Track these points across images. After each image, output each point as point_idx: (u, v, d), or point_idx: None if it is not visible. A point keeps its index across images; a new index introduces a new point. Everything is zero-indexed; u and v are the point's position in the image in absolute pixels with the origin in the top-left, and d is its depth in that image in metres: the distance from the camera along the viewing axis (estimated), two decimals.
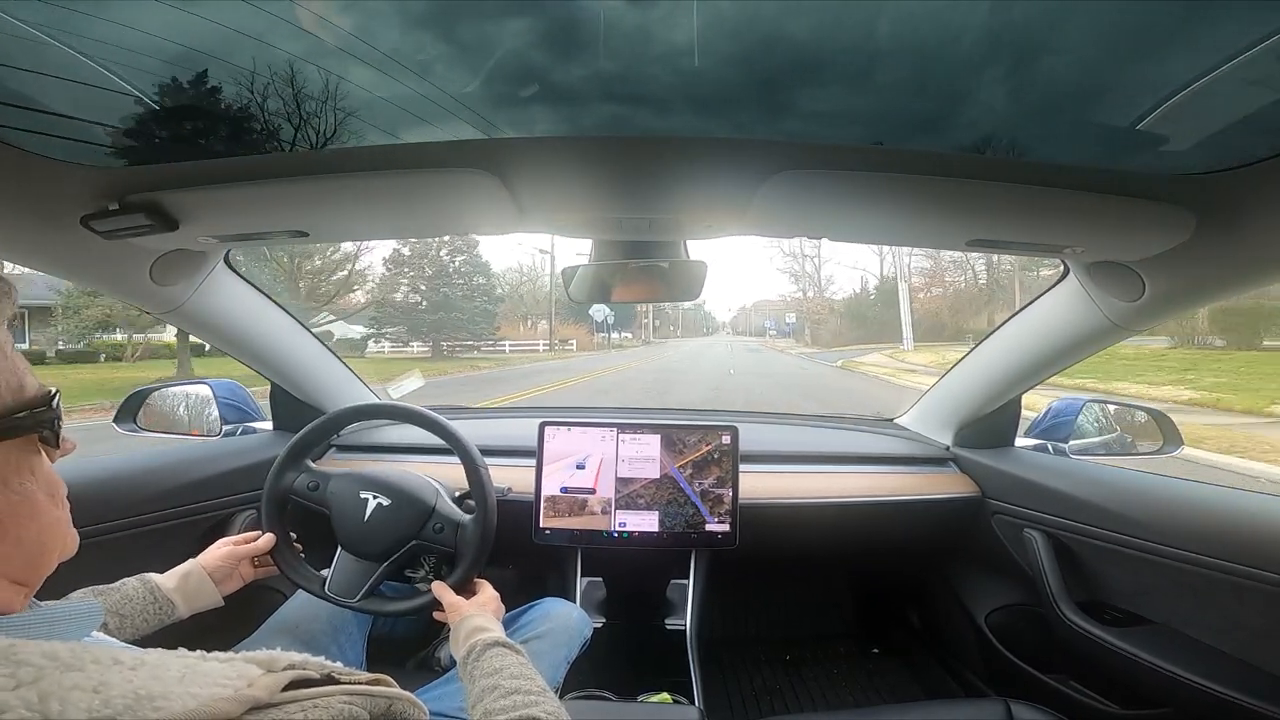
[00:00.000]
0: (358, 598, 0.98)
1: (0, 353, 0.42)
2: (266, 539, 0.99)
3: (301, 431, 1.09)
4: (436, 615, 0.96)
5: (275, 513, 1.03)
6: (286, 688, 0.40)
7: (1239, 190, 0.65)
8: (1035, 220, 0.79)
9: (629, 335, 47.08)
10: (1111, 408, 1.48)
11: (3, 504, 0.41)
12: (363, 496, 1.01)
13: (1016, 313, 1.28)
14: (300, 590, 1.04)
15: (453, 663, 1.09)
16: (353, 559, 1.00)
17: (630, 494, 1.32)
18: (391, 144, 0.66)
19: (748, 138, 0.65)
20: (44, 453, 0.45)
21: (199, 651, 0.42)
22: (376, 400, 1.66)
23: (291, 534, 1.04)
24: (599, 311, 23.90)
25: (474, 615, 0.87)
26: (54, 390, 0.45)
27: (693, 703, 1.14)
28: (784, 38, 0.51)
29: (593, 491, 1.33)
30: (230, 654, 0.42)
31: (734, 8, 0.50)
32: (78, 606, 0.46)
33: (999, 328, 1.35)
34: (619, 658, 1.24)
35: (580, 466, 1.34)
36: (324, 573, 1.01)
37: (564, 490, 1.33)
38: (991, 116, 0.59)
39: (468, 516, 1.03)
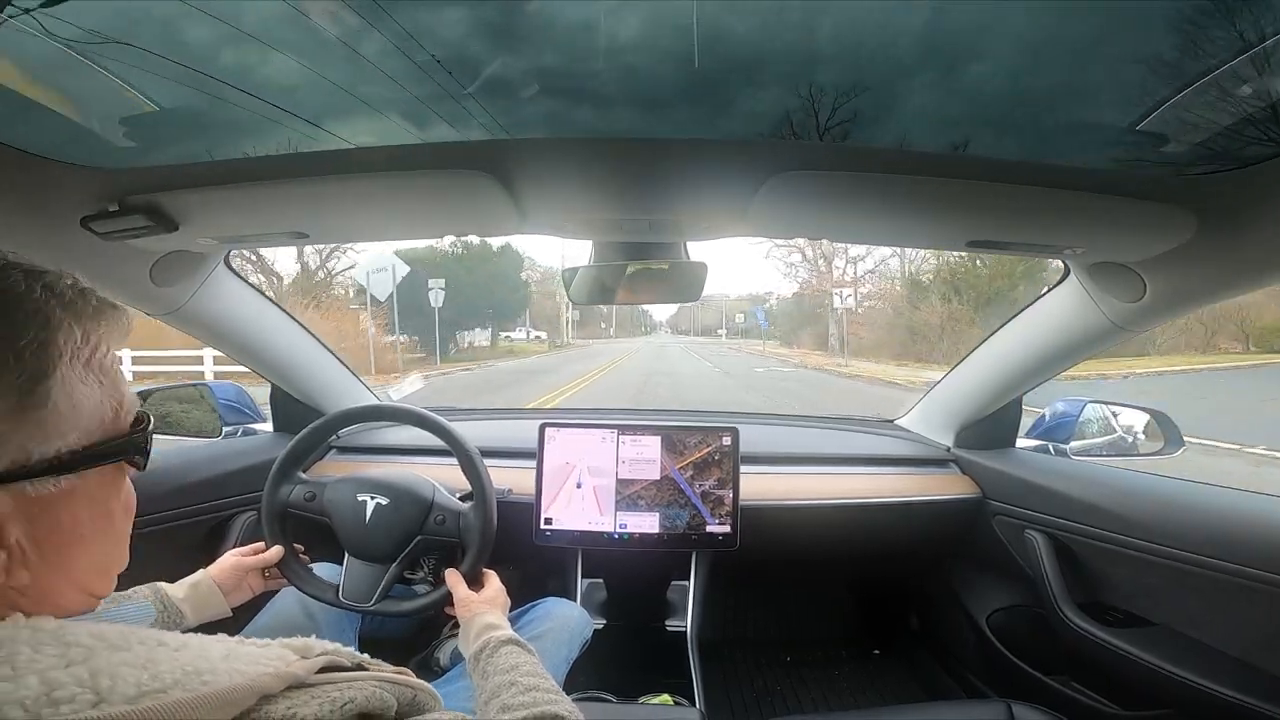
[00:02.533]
0: (373, 601, 0.97)
1: (112, 375, 0.43)
2: (275, 551, 0.98)
3: (290, 444, 1.07)
4: (448, 610, 0.95)
5: (276, 528, 1.01)
6: (320, 671, 0.42)
7: (1240, 191, 0.65)
8: (1036, 221, 0.79)
9: (541, 335, 34.61)
10: (1112, 408, 1.47)
11: (88, 519, 0.42)
12: (360, 499, 1.01)
13: (1017, 313, 1.28)
14: (283, 590, 1.03)
15: (452, 663, 1.09)
16: (361, 563, 1.00)
17: (631, 495, 1.32)
18: (391, 145, 0.67)
19: (748, 139, 0.65)
20: (129, 472, 0.46)
21: (236, 637, 0.44)
22: (373, 402, 1.65)
23: (298, 546, 1.03)
24: (379, 280, 11.82)
25: (485, 612, 0.87)
26: (146, 414, 0.47)
27: (693, 704, 1.13)
28: (782, 37, 0.51)
29: (593, 495, 1.33)
30: (266, 640, 0.43)
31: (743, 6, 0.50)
32: (131, 608, 0.47)
33: (1000, 329, 1.35)
34: (620, 659, 1.23)
35: (580, 473, 1.34)
36: (336, 581, 1.00)
37: (564, 497, 1.33)
38: (992, 116, 0.59)
39: (467, 505, 1.03)
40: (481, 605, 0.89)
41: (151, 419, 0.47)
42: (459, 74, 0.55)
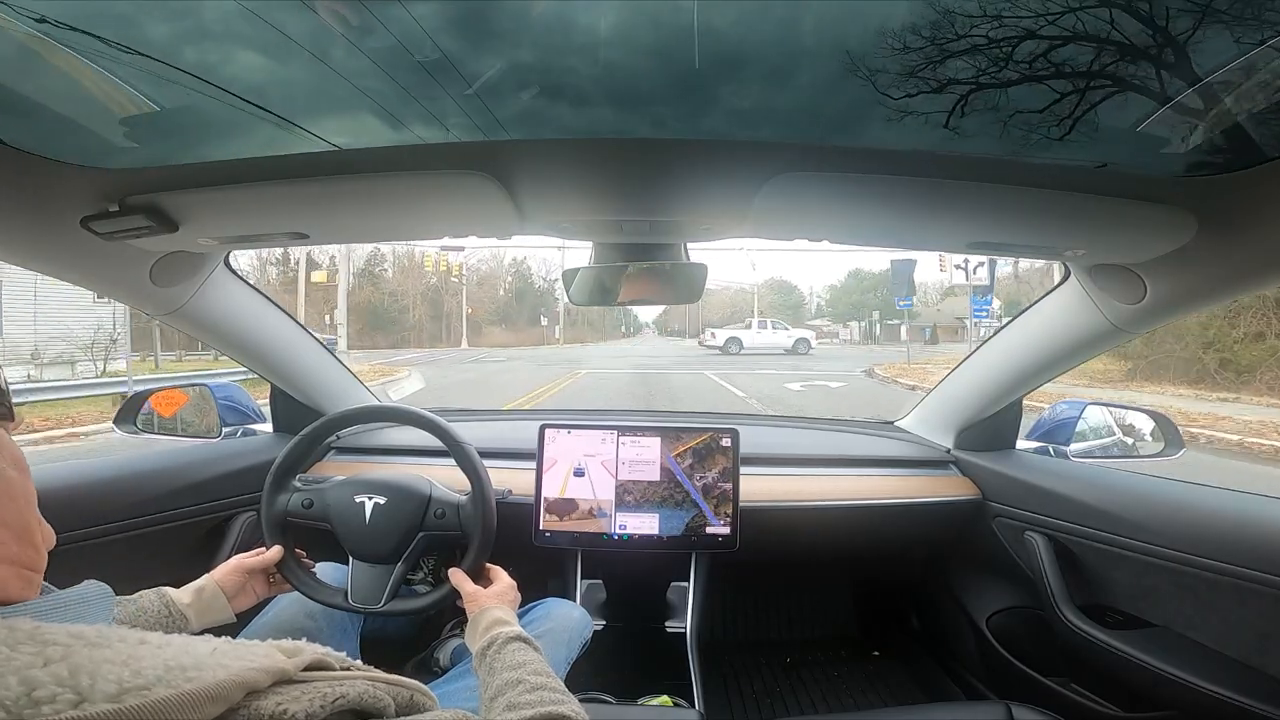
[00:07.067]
0: (383, 603, 0.97)
1: None
2: (274, 551, 0.97)
3: (283, 451, 1.06)
4: (460, 604, 0.94)
5: (278, 536, 1.01)
6: (308, 669, 0.41)
7: (1240, 192, 0.65)
8: (1036, 222, 0.79)
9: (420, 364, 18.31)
10: (1113, 410, 1.47)
11: None
12: (359, 500, 1.01)
13: (1018, 315, 1.28)
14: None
15: (453, 663, 1.09)
16: (367, 565, 0.99)
17: (631, 496, 1.32)
18: (391, 146, 0.67)
19: (748, 140, 0.65)
20: (2, 427, 0.46)
21: (224, 637, 0.43)
22: (372, 403, 1.65)
23: (300, 551, 1.03)
24: None
25: (493, 607, 0.86)
26: None
27: (693, 706, 1.13)
28: (786, 33, 0.51)
29: (592, 496, 1.32)
30: (254, 640, 0.43)
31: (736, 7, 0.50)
32: (86, 589, 0.47)
33: (1000, 330, 1.35)
34: (619, 660, 1.23)
35: (579, 474, 1.33)
36: (340, 582, 1.00)
37: (564, 499, 1.33)
38: (993, 117, 0.59)
39: (464, 497, 1.03)
40: (490, 600, 0.89)
41: (1, 369, 0.46)
42: (460, 74, 0.55)
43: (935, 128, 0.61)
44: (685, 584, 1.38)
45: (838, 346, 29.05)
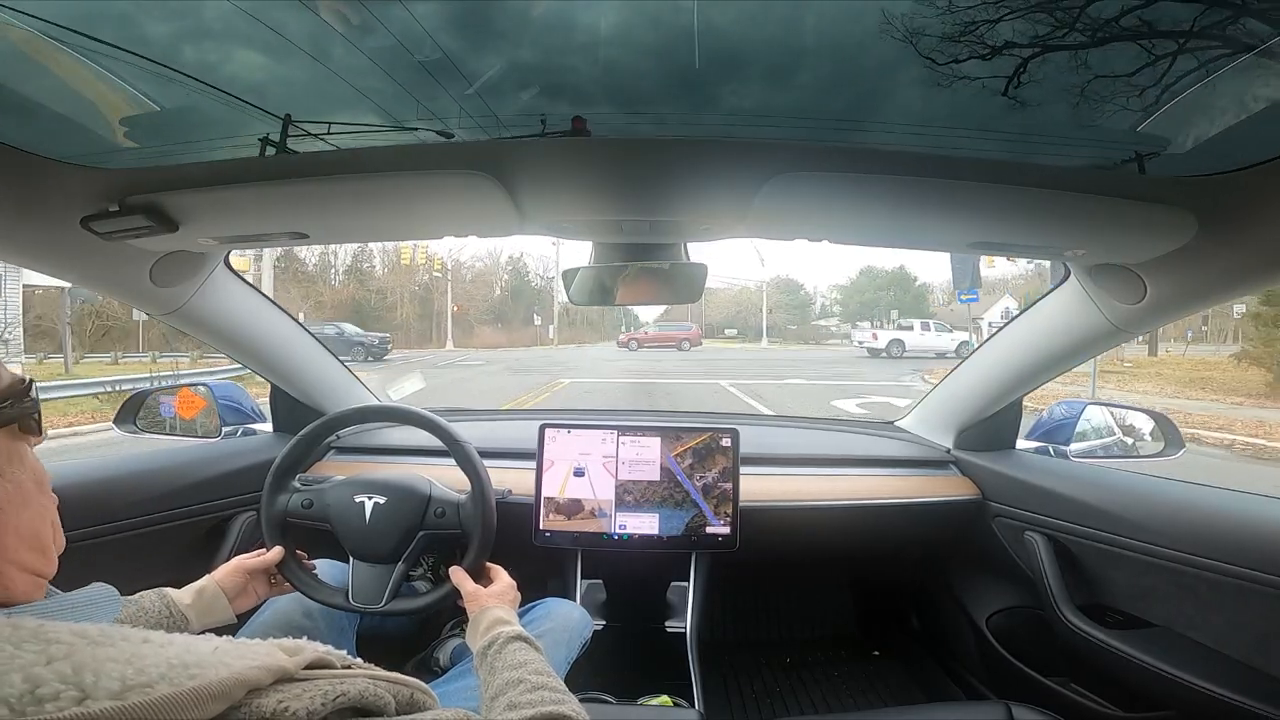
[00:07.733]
0: (384, 603, 0.97)
1: None
2: (275, 553, 0.97)
3: (283, 451, 1.06)
4: (460, 604, 0.94)
5: (278, 536, 1.01)
6: (309, 668, 0.41)
7: (1240, 192, 0.65)
8: (1037, 222, 0.79)
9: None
10: (1113, 410, 1.47)
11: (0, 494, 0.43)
12: (358, 500, 1.01)
13: (1018, 315, 1.28)
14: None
15: (452, 663, 1.09)
16: (367, 565, 0.99)
17: (631, 496, 1.32)
18: (390, 146, 0.67)
19: (748, 140, 0.65)
20: (27, 441, 0.47)
21: (225, 636, 0.43)
22: (372, 403, 1.65)
23: (301, 552, 1.03)
24: None
25: (494, 607, 0.86)
26: (29, 379, 0.47)
27: (693, 706, 1.13)
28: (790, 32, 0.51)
29: (592, 496, 1.33)
30: (255, 639, 0.43)
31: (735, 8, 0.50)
32: (94, 592, 0.48)
33: (1000, 330, 1.35)
34: (619, 660, 1.23)
35: (579, 473, 1.33)
36: (341, 582, 1.00)
37: (564, 499, 1.33)
38: (994, 117, 0.59)
39: (464, 496, 1.03)
40: (490, 599, 0.89)
41: (34, 382, 0.47)
42: (460, 73, 0.55)
43: (935, 126, 0.61)
44: (685, 584, 1.38)
45: (851, 348, 22.83)
